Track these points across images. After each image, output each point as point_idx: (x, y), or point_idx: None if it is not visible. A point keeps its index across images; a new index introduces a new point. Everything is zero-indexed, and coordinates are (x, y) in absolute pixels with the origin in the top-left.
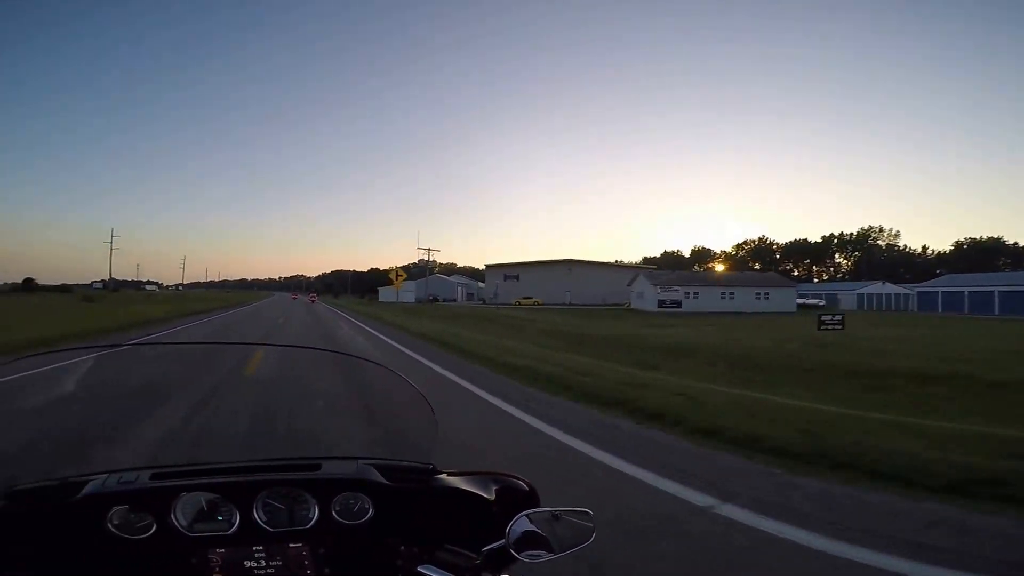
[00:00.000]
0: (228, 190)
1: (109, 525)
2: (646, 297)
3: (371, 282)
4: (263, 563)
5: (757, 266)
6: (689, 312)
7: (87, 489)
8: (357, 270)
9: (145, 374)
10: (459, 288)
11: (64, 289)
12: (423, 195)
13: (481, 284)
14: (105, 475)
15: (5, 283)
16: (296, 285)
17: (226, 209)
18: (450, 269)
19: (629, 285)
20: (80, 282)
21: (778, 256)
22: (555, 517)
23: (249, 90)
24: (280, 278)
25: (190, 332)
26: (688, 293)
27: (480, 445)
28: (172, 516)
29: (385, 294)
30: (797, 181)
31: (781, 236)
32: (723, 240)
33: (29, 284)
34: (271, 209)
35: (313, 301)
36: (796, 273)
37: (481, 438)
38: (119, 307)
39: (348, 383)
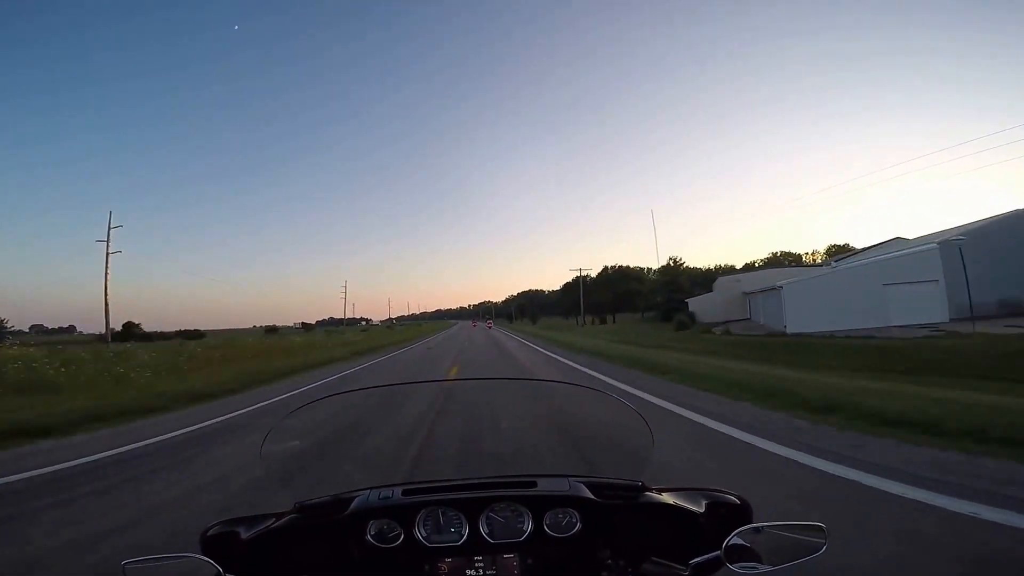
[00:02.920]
0: (415, 227)
1: (368, 535)
2: None
3: (611, 289)
4: (480, 572)
5: None
6: None
7: (355, 504)
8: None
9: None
10: None
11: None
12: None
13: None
14: (368, 491)
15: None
16: (485, 311)
17: (416, 248)
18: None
19: None
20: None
21: None
22: (782, 530)
23: (431, 134)
24: (469, 306)
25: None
26: None
27: None
28: (416, 528)
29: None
30: None
31: None
32: None
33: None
34: (457, 242)
35: (490, 327)
36: None
37: None
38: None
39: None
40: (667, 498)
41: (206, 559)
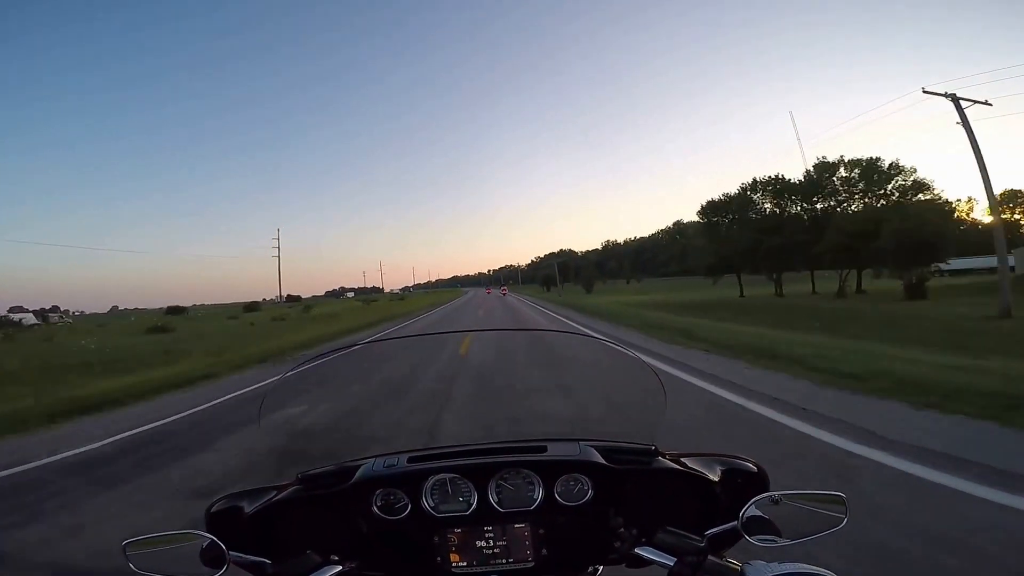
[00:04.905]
0: (426, 190)
1: (374, 506)
2: None
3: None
4: (491, 543)
5: None
6: None
7: (359, 474)
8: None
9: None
10: None
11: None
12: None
13: None
14: (373, 459)
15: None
16: (508, 277)
17: (427, 210)
18: None
19: None
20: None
21: None
22: (800, 501)
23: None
24: (489, 271)
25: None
26: None
27: None
28: (423, 498)
29: None
30: None
31: None
32: None
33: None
34: (474, 204)
35: (504, 294)
36: None
37: None
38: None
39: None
40: (680, 463)
41: (208, 535)
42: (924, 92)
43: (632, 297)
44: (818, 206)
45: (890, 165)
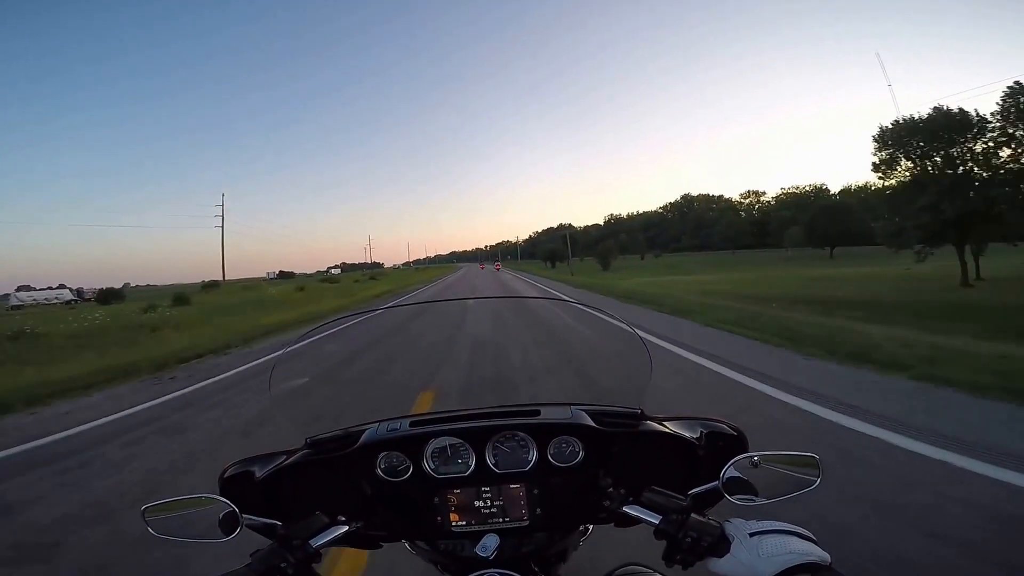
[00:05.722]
0: (428, 173)
1: (378, 469)
2: None
3: None
4: (489, 503)
5: None
6: None
7: (364, 438)
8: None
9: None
10: None
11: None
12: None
13: None
14: (377, 424)
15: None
16: (506, 252)
17: (430, 191)
18: None
19: None
20: None
21: None
22: (776, 462)
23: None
24: (486, 247)
25: None
26: None
27: None
28: (424, 461)
29: None
30: None
31: None
32: None
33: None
34: (471, 180)
35: (498, 269)
36: None
37: None
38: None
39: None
40: (665, 426)
41: (222, 499)
42: None
43: (681, 277)
44: None
45: None
